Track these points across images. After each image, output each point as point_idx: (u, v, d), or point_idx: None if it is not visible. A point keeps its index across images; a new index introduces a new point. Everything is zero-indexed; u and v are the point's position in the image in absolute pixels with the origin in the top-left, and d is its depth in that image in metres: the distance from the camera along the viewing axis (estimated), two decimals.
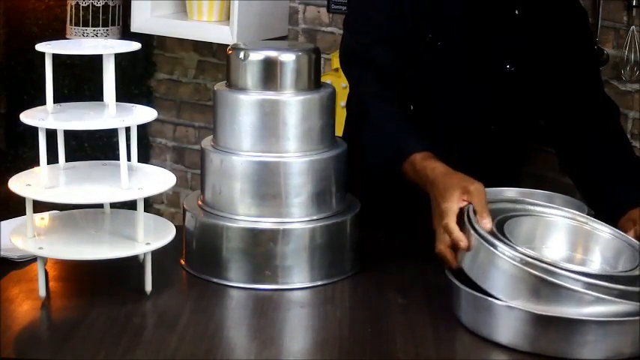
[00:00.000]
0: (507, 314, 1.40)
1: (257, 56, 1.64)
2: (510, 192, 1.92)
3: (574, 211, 1.63)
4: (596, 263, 1.57)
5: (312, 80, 1.67)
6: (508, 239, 1.45)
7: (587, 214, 1.75)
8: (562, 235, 1.59)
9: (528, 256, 1.40)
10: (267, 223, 1.63)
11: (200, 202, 1.70)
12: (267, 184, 1.63)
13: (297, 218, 1.64)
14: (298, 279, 1.63)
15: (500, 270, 1.42)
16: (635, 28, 2.41)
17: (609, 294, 1.37)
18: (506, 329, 1.41)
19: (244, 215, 1.64)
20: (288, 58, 1.64)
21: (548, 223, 1.60)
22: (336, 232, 1.66)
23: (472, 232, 1.47)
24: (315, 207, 1.65)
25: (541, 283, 1.38)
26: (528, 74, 1.88)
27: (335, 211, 1.68)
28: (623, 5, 2.44)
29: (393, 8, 1.83)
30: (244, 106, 1.63)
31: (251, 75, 1.64)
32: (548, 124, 1.98)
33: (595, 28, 2.46)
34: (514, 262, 1.40)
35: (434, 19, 1.84)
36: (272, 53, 1.64)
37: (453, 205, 1.53)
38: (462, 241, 1.48)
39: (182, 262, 1.71)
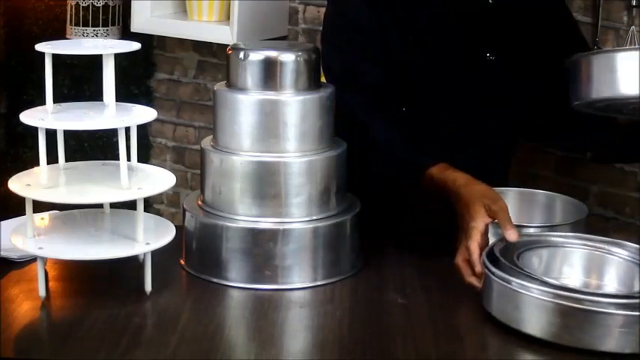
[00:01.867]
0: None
1: (257, 56, 1.64)
2: (511, 192, 1.93)
3: (584, 235, 1.64)
4: (612, 287, 1.58)
5: (312, 80, 1.67)
6: (525, 271, 1.45)
7: (587, 215, 1.76)
8: (575, 263, 1.61)
9: (551, 286, 1.41)
10: (267, 223, 1.63)
11: (200, 202, 1.70)
12: (267, 184, 1.63)
13: (297, 218, 1.64)
14: (298, 279, 1.63)
15: (524, 305, 1.42)
16: (635, 28, 2.41)
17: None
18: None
19: (244, 215, 1.64)
20: (288, 58, 1.64)
21: (561, 253, 1.61)
22: (336, 232, 1.66)
23: (489, 274, 1.48)
24: (315, 207, 1.65)
25: (568, 310, 1.38)
26: (510, 61, 1.89)
27: (335, 211, 1.68)
28: (623, 5, 2.44)
29: (372, 27, 1.83)
30: (244, 106, 1.63)
31: (251, 75, 1.64)
32: (548, 116, 1.98)
33: (595, 28, 2.46)
34: (537, 296, 1.41)
35: (414, 21, 1.84)
36: (272, 53, 1.64)
37: (479, 223, 1.57)
38: (477, 266, 1.53)
39: (182, 262, 1.71)
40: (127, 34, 3.02)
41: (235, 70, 1.66)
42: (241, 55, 1.65)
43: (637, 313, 1.37)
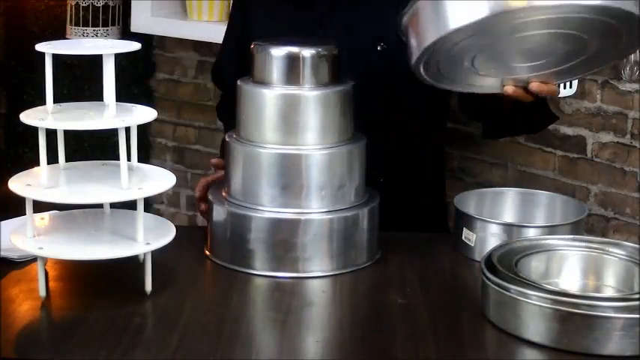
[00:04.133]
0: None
1: (279, 52, 1.68)
2: (511, 192, 1.93)
3: (582, 237, 1.64)
4: (611, 288, 1.58)
5: (333, 74, 1.70)
6: (523, 278, 1.46)
7: (587, 215, 1.76)
8: (574, 265, 1.61)
9: (551, 292, 1.41)
10: (287, 214, 1.67)
11: (224, 194, 1.73)
12: (289, 176, 1.66)
13: (317, 209, 1.67)
14: (319, 268, 1.67)
15: (524, 312, 1.42)
16: None
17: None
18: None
19: (267, 206, 1.67)
20: (309, 53, 1.68)
21: (559, 256, 1.61)
22: (353, 224, 1.69)
23: (487, 282, 1.48)
24: (335, 199, 1.68)
25: (568, 315, 1.38)
26: (400, 51, 1.88)
27: (353, 202, 1.71)
28: None
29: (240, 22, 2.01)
30: (267, 100, 1.67)
31: (274, 70, 1.68)
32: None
33: None
34: (536, 303, 1.41)
35: (291, 21, 1.93)
36: (294, 49, 1.68)
37: None
38: None
39: (207, 252, 1.75)
40: (127, 34, 3.02)
41: (258, 65, 1.69)
42: (264, 50, 1.68)
43: (636, 316, 1.36)
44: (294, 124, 1.66)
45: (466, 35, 1.48)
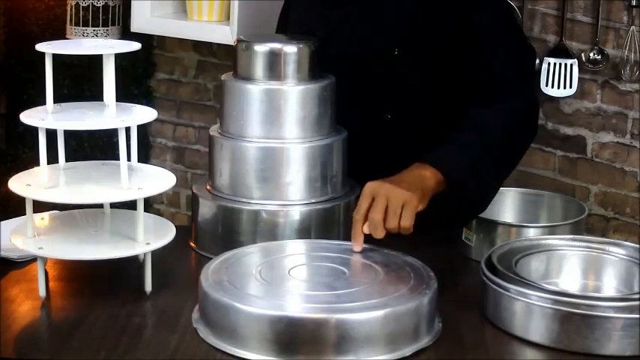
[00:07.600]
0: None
1: (262, 48, 1.71)
2: (511, 192, 1.93)
3: (582, 237, 1.65)
4: (611, 288, 1.58)
5: (314, 70, 1.73)
6: (523, 278, 1.46)
7: (587, 215, 1.76)
8: (574, 265, 1.61)
9: (550, 292, 1.42)
10: (270, 206, 1.69)
11: (208, 187, 1.77)
12: (271, 169, 1.69)
13: (298, 201, 1.70)
14: None
15: (524, 312, 1.43)
16: (635, 28, 2.41)
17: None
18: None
19: (249, 198, 1.70)
20: (291, 49, 1.71)
21: (559, 256, 1.61)
22: (333, 215, 1.73)
23: (487, 281, 1.49)
24: (315, 190, 1.71)
25: (570, 316, 1.39)
26: (415, 57, 1.86)
27: (335, 194, 1.74)
28: (623, 5, 2.44)
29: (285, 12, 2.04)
30: (250, 95, 1.70)
31: (256, 66, 1.71)
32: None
33: (595, 28, 2.46)
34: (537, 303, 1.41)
35: (321, 19, 1.92)
36: (276, 45, 1.72)
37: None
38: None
39: (192, 244, 1.78)
40: (127, 34, 3.01)
41: (241, 61, 1.73)
42: (247, 47, 1.71)
43: (636, 316, 1.37)
44: (276, 118, 1.70)
45: None
